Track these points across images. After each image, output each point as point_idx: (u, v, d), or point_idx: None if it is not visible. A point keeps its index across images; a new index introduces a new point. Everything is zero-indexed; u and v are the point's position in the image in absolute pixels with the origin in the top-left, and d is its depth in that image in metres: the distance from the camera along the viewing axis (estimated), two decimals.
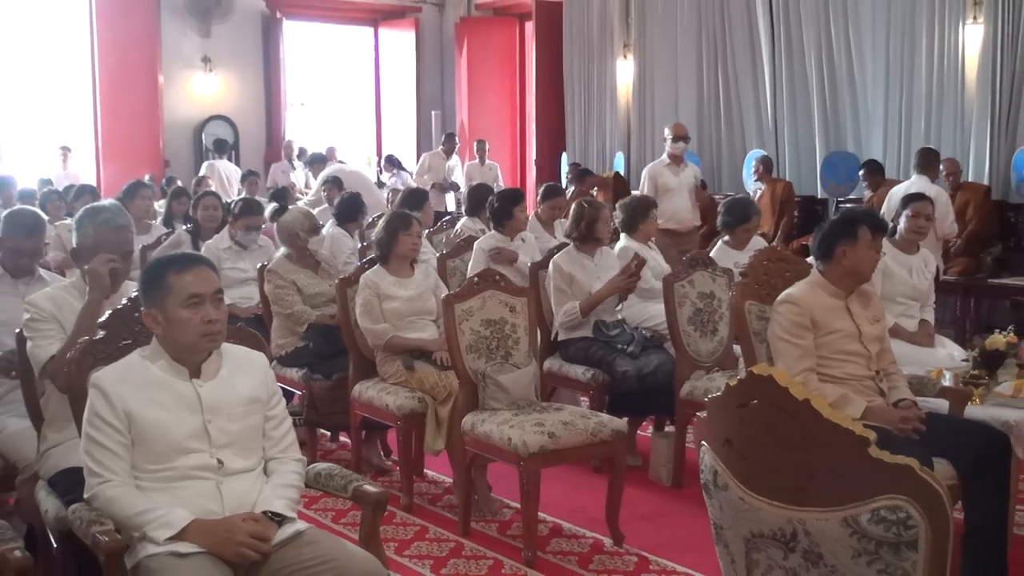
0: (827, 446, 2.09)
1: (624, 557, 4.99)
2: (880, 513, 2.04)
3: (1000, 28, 10.66)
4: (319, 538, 3.27)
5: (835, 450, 2.08)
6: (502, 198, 7.52)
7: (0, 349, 4.54)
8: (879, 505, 2.04)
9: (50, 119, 16.64)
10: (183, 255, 3.50)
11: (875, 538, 2.05)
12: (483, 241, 7.33)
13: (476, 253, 7.25)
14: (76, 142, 16.18)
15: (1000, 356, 5.20)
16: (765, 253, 5.66)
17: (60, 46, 16.43)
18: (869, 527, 2.05)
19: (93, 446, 3.22)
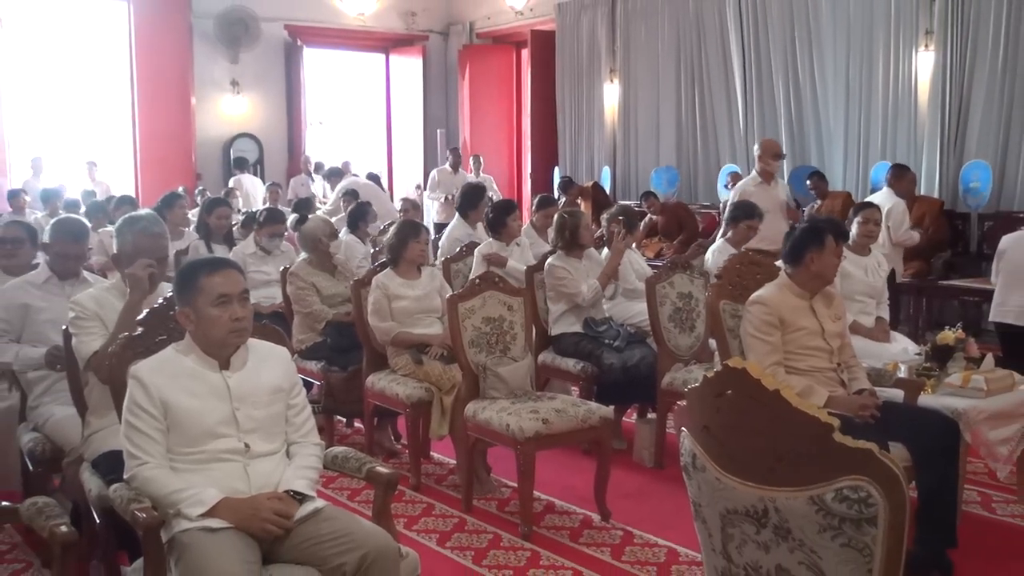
0: (795, 432, 2.09)
1: (611, 531, 4.99)
2: (843, 492, 2.04)
3: (949, 55, 10.68)
4: (336, 515, 3.26)
5: (802, 435, 2.08)
6: (497, 209, 7.52)
7: (48, 344, 4.55)
8: (842, 485, 2.04)
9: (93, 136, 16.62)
10: (213, 259, 3.50)
11: (838, 515, 2.05)
12: (483, 247, 7.34)
13: (477, 258, 7.27)
14: (116, 157, 16.21)
15: (950, 350, 5.22)
16: (738, 258, 5.68)
17: (103, 71, 16.40)
18: (833, 505, 2.05)
19: (132, 431, 3.21)
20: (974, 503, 5.28)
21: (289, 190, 15.18)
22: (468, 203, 8.52)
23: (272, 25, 16.46)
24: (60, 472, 4.47)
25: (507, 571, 4.52)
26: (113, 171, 16.03)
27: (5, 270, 5.19)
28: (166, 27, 15.51)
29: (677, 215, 12.49)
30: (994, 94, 10.37)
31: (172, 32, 15.50)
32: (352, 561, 3.07)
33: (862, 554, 2.05)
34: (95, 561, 4.12)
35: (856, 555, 2.05)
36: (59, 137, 16.46)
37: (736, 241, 7.18)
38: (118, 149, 16.26)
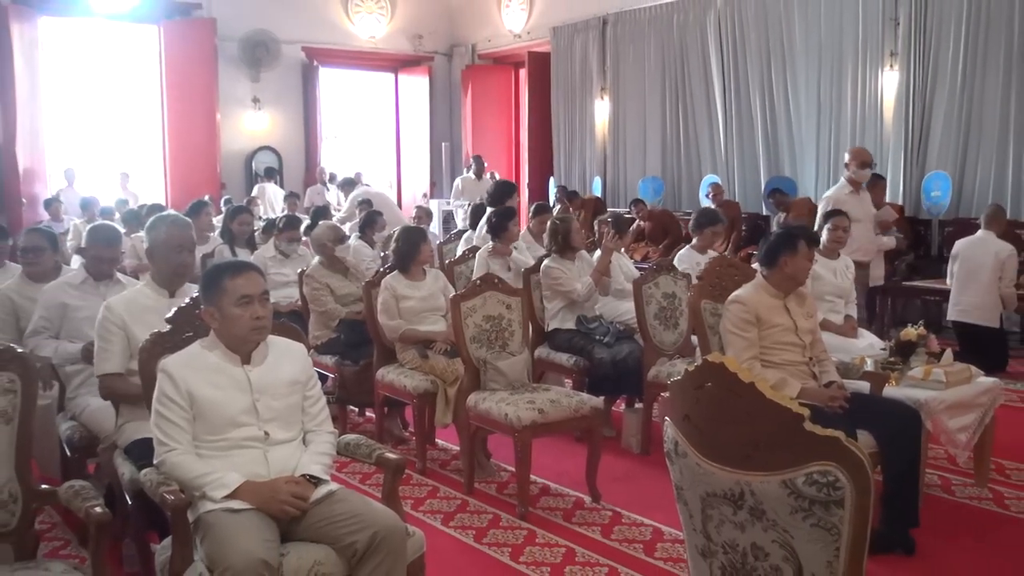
0: (769, 421, 2.08)
1: (601, 512, 4.99)
2: (813, 477, 2.03)
3: (912, 74, 10.71)
4: (348, 497, 3.26)
5: (775, 424, 2.07)
6: (498, 215, 7.51)
7: (84, 340, 4.55)
8: (812, 470, 2.03)
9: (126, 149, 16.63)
10: (236, 262, 3.50)
11: (809, 497, 2.04)
12: (484, 251, 7.33)
13: (479, 260, 7.26)
14: (148, 167, 16.21)
15: (912, 346, 5.23)
16: (717, 260, 5.70)
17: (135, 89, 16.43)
18: (804, 488, 2.04)
19: (161, 420, 3.21)
20: (935, 486, 5.27)
21: (306, 199, 15.19)
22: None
23: (291, 47, 16.47)
24: (95, 458, 4.47)
25: (506, 548, 4.52)
26: (144, 181, 16.04)
27: (30, 276, 5.20)
28: (194, 49, 15.50)
29: (662, 221, 12.51)
30: (953, 110, 10.39)
31: (199, 54, 15.49)
32: (363, 539, 3.07)
33: (830, 533, 2.04)
34: (127, 539, 4.13)
35: (825, 534, 2.05)
36: (95, 150, 16.48)
37: (701, 246, 7.21)
38: (149, 160, 16.26)
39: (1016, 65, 9.83)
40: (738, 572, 2.23)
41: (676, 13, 13.56)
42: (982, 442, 5.14)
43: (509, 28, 16.71)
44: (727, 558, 2.25)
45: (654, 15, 13.90)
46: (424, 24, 17.83)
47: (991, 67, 10.05)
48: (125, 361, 3.97)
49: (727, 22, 12.84)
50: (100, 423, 4.34)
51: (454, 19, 18.01)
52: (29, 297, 4.95)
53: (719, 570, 2.29)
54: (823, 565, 2.07)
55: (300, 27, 16.49)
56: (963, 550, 4.45)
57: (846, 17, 11.36)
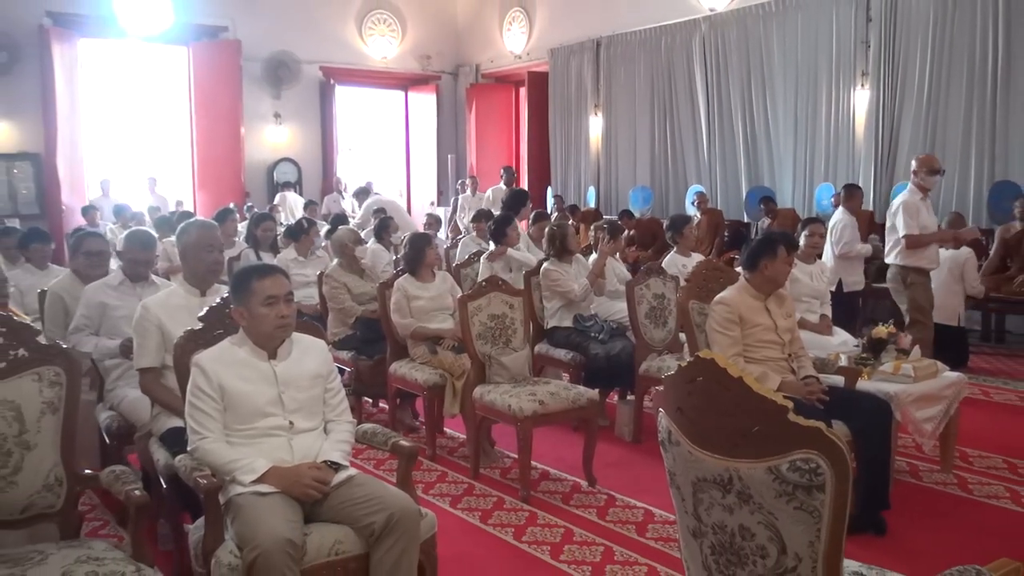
0: (755, 412, 2.08)
1: (596, 495, 5.00)
2: (796, 464, 2.03)
3: (881, 93, 10.72)
4: (366, 481, 3.27)
5: (761, 415, 2.07)
6: (497, 222, 7.52)
7: (122, 337, 4.55)
8: (795, 457, 2.03)
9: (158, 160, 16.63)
10: (263, 266, 3.50)
11: (792, 483, 2.04)
12: (487, 255, 7.34)
13: (483, 264, 7.27)
14: (177, 178, 16.19)
15: (883, 343, 5.23)
16: (704, 264, 5.70)
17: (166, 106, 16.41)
18: (788, 474, 2.04)
19: (194, 411, 3.22)
20: (904, 472, 5.28)
21: (323, 206, 15.19)
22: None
23: (309, 67, 16.45)
24: (132, 445, 4.47)
25: (509, 529, 4.52)
26: (174, 190, 16.01)
27: (87, 279, 5.12)
28: (220, 69, 15.49)
29: (651, 228, 12.50)
30: (920, 126, 10.41)
31: (225, 73, 15.48)
32: (380, 520, 3.08)
33: (812, 516, 2.04)
34: (162, 520, 4.13)
35: (807, 516, 2.05)
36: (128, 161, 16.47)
37: (684, 249, 7.26)
38: (179, 171, 16.24)
39: (977, 84, 9.85)
40: (726, 551, 2.23)
41: (664, 36, 13.55)
42: (947, 431, 5.15)
43: (510, 50, 16.71)
44: (716, 538, 2.25)
45: (643, 38, 13.89)
46: (432, 46, 17.82)
47: (954, 86, 10.06)
48: (161, 356, 3.98)
49: (711, 44, 12.84)
50: (137, 413, 4.34)
51: (460, 41, 18.00)
52: (77, 296, 4.93)
53: (709, 549, 2.29)
54: (805, 545, 2.07)
55: (318, 48, 16.48)
56: (930, 530, 4.45)
57: (821, 40, 11.37)
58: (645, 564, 4.06)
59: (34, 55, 13.86)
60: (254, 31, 15.60)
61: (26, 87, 13.88)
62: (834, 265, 8.19)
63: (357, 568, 3.11)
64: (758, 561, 2.16)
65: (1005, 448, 5.74)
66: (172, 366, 3.74)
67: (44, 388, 3.10)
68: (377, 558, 3.09)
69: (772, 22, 11.98)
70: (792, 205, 11.69)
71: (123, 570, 2.73)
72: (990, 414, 6.65)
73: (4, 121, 14.00)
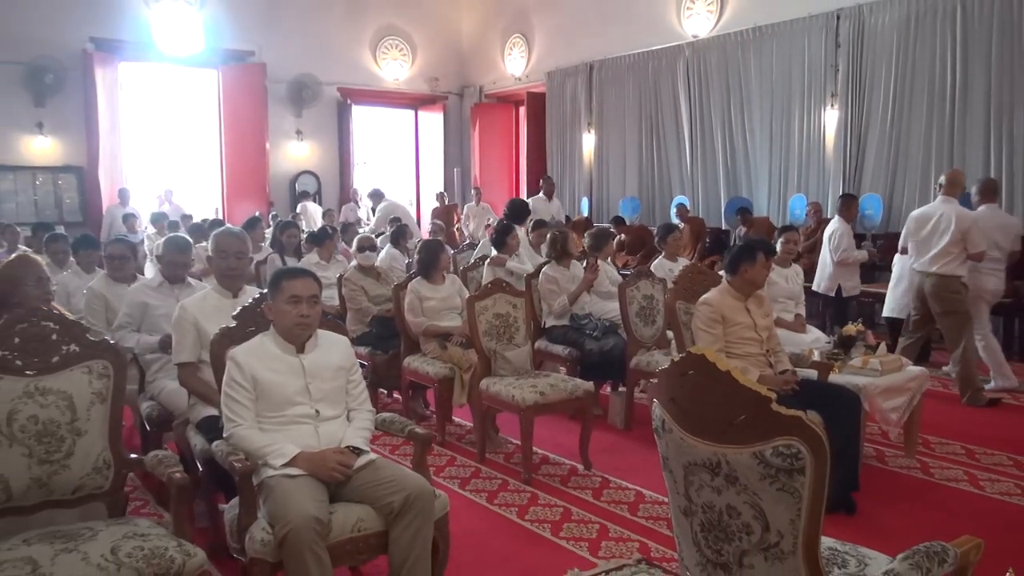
0: (742, 402, 2.09)
1: (592, 477, 5.01)
2: (779, 449, 2.04)
3: (849, 112, 10.73)
4: (386, 464, 3.28)
5: (747, 405, 2.09)
6: (499, 231, 7.52)
7: (161, 333, 4.57)
8: (778, 444, 2.04)
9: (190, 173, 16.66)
10: (296, 268, 3.50)
11: (775, 466, 2.05)
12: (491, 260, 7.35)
13: (487, 268, 7.28)
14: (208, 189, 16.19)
15: (852, 340, 5.26)
16: (690, 268, 5.72)
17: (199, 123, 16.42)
18: (771, 459, 2.05)
19: (229, 400, 3.23)
20: (872, 457, 5.29)
21: (341, 214, 15.18)
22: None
23: (328, 88, 16.44)
24: (170, 432, 4.48)
25: (513, 508, 4.53)
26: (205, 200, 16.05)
27: (115, 279, 5.28)
28: (247, 90, 15.47)
29: (639, 235, 12.49)
30: (884, 142, 10.41)
31: (252, 93, 15.48)
32: (398, 500, 3.09)
33: (793, 496, 2.05)
34: (198, 500, 4.13)
35: (788, 497, 2.06)
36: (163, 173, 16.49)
37: (670, 254, 7.28)
38: (209, 183, 16.23)
39: (936, 105, 9.85)
40: (715, 528, 2.24)
41: (651, 60, 13.55)
42: (911, 420, 5.17)
43: (511, 72, 16.70)
44: (705, 517, 2.26)
45: (632, 62, 13.89)
46: (440, 69, 17.81)
47: (916, 106, 10.06)
48: (197, 351, 3.98)
49: (694, 68, 12.83)
50: (174, 402, 4.36)
51: (465, 65, 17.99)
52: (115, 294, 5.01)
53: (699, 527, 2.30)
54: (787, 523, 2.08)
55: (336, 71, 16.46)
56: (896, 510, 4.46)
57: (794, 64, 11.37)
58: (637, 540, 4.07)
59: (78, 77, 13.87)
60: (278, 55, 15.59)
61: (71, 106, 13.90)
62: (832, 271, 8.16)
63: (377, 544, 3.13)
64: (743, 537, 2.17)
65: (963, 436, 5.76)
66: (207, 360, 3.75)
67: (93, 380, 3.10)
68: (395, 534, 3.10)
69: (750, 48, 11.98)
70: (768, 214, 11.69)
71: (166, 545, 2.73)
72: (950, 405, 6.66)
73: (51, 137, 14.00)
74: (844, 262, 8.20)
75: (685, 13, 13.02)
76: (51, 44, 13.56)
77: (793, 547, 2.09)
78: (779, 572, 2.13)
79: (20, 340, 3.00)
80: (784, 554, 2.11)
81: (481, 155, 17.49)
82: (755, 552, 2.15)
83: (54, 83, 13.69)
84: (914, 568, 2.12)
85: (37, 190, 14.07)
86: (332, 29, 16.34)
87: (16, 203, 13.87)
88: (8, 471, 2.90)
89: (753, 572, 2.18)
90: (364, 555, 3.15)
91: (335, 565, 3.01)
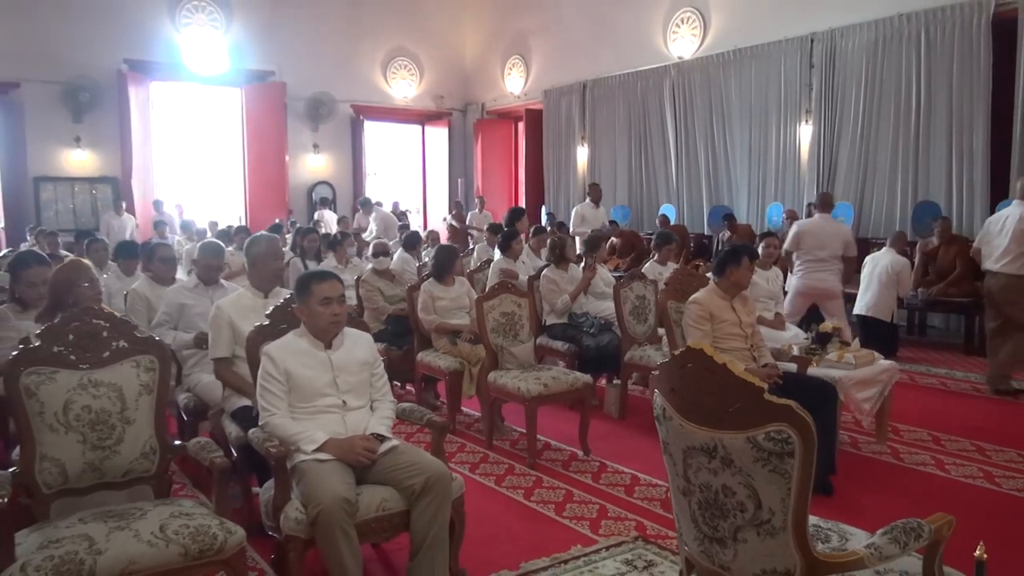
0: (736, 392, 2.12)
1: (591, 462, 5.03)
2: (771, 434, 2.07)
3: (822, 127, 10.78)
4: (407, 450, 3.30)
5: (742, 395, 2.12)
6: (505, 236, 7.54)
7: (197, 331, 4.59)
8: (770, 429, 2.07)
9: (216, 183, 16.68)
10: (322, 272, 3.52)
11: (767, 450, 2.08)
12: (496, 263, 7.36)
13: (493, 269, 7.29)
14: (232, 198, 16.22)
15: (828, 336, 5.28)
16: (680, 271, 5.76)
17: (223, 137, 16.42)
18: (764, 443, 2.08)
19: (265, 392, 3.25)
20: (846, 444, 5.31)
21: (354, 221, 15.18)
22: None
23: (343, 105, 16.47)
24: (206, 421, 4.50)
25: (520, 490, 4.55)
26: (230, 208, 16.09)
27: (161, 281, 5.25)
28: (268, 107, 15.51)
29: (630, 240, 12.50)
30: (855, 154, 10.46)
31: (272, 110, 15.51)
32: (419, 482, 3.12)
33: (783, 477, 2.09)
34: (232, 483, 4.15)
35: (779, 478, 2.09)
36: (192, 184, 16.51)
37: (661, 260, 7.29)
38: (233, 192, 16.26)
39: (902, 120, 9.90)
40: (711, 506, 2.27)
41: (639, 80, 13.59)
42: (882, 410, 5.20)
43: (511, 91, 16.74)
44: (703, 496, 2.29)
45: (622, 81, 13.93)
46: (445, 87, 17.84)
47: (883, 121, 10.11)
48: (231, 348, 4.00)
49: (679, 87, 12.88)
50: (210, 394, 4.38)
51: (468, 84, 18.02)
52: (156, 295, 5.02)
53: (696, 505, 2.33)
54: (778, 501, 2.12)
55: (350, 90, 16.50)
56: (869, 491, 4.49)
57: (771, 83, 11.42)
58: (634, 519, 4.10)
59: (113, 95, 13.91)
60: (297, 75, 15.63)
61: (106, 121, 13.93)
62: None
63: (400, 522, 3.16)
64: (738, 514, 2.20)
65: (930, 423, 5.79)
66: (242, 356, 3.78)
67: (141, 373, 3.12)
68: (416, 513, 3.13)
69: (731, 68, 12.02)
70: (747, 221, 11.73)
71: (209, 523, 2.76)
72: (916, 395, 6.70)
73: (88, 150, 14.03)
74: None
75: (671, 36, 13.07)
76: (89, 65, 13.62)
77: (783, 523, 2.13)
78: (770, 546, 2.17)
79: (74, 337, 3.03)
80: (775, 529, 2.14)
81: (483, 167, 17.53)
82: (748, 528, 2.19)
83: (90, 101, 13.73)
84: (893, 542, 2.15)
85: (75, 199, 14.10)
86: (346, 51, 16.38)
87: (56, 211, 13.91)
88: (64, 456, 2.93)
89: (747, 546, 2.21)
90: (388, 532, 3.18)
91: (361, 542, 3.05)
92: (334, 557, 2.92)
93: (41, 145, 13.65)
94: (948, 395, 6.77)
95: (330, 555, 2.92)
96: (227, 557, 2.74)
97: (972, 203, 9.34)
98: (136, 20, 14.16)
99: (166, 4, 14.55)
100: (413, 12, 17.08)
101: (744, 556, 2.22)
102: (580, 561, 3.60)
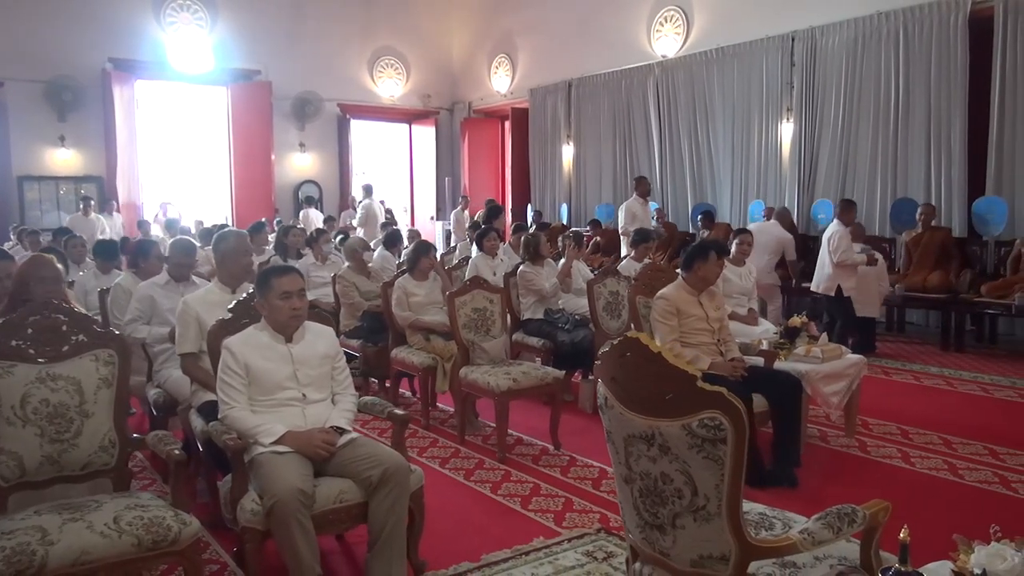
0: (672, 381, 2.14)
1: (560, 457, 5.07)
2: (704, 421, 2.09)
3: (803, 125, 10.82)
4: (365, 442, 3.32)
5: (676, 383, 2.14)
6: (480, 234, 7.55)
7: (168, 326, 4.60)
8: (703, 416, 2.09)
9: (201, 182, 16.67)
10: (281, 266, 3.54)
11: (701, 436, 2.10)
12: (475, 259, 7.39)
13: (470, 265, 7.31)
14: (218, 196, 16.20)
15: (797, 331, 5.32)
16: (649, 266, 5.78)
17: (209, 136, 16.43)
18: (697, 430, 2.11)
19: (224, 385, 3.27)
20: (815, 437, 5.36)
21: (340, 220, 15.19)
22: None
23: (329, 104, 16.48)
24: (175, 416, 4.52)
25: (487, 484, 4.58)
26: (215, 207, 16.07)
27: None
28: (254, 106, 15.50)
29: (614, 238, 12.54)
30: (835, 152, 10.51)
31: (258, 109, 15.50)
32: (376, 474, 3.14)
33: (716, 463, 2.11)
34: (199, 478, 4.18)
35: (713, 464, 2.12)
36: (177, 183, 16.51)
37: (638, 257, 7.31)
38: (219, 190, 16.24)
39: (882, 118, 9.95)
40: (651, 494, 2.30)
41: (624, 78, 13.63)
42: (850, 403, 5.24)
43: (497, 89, 16.76)
44: (643, 483, 2.32)
45: (607, 79, 13.96)
46: (432, 86, 17.86)
47: (863, 119, 10.17)
48: (199, 343, 4.00)
49: (663, 85, 12.91)
50: (179, 389, 4.39)
51: (455, 83, 18.04)
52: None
53: (638, 492, 2.36)
54: (713, 487, 2.15)
55: (336, 88, 16.51)
56: (836, 484, 4.53)
57: (753, 81, 11.46)
58: (598, 512, 4.13)
59: (98, 94, 13.90)
60: (283, 74, 15.63)
61: (91, 121, 13.92)
62: (831, 272, 8.09)
63: (358, 513, 3.18)
64: (676, 501, 2.23)
65: (899, 417, 5.84)
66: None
67: (100, 367, 3.14)
68: (374, 505, 3.16)
69: (713, 67, 12.07)
70: (730, 218, 11.77)
71: (164, 514, 2.78)
72: (889, 390, 6.75)
73: (72, 149, 14.01)
74: (843, 264, 8.03)
75: (655, 35, 13.12)
76: (73, 64, 13.61)
77: (718, 508, 2.16)
78: (706, 531, 2.20)
79: (33, 331, 3.05)
80: (711, 515, 2.18)
81: (470, 165, 17.55)
82: (686, 514, 2.22)
83: (75, 100, 13.71)
84: (826, 527, 2.19)
85: (60, 198, 14.07)
86: (333, 50, 16.38)
87: (40, 210, 13.89)
88: (22, 449, 2.95)
89: (684, 532, 2.24)
90: (346, 524, 3.20)
91: (320, 533, 3.07)
92: (290, 548, 2.94)
93: (25, 144, 13.62)
94: (920, 390, 6.82)
95: (286, 546, 2.95)
96: (182, 548, 2.76)
97: (951, 199, 9.40)
98: (121, 18, 14.14)
99: (151, 3, 14.54)
100: (400, 11, 17.10)
101: (682, 542, 2.26)
102: (541, 553, 3.63)
